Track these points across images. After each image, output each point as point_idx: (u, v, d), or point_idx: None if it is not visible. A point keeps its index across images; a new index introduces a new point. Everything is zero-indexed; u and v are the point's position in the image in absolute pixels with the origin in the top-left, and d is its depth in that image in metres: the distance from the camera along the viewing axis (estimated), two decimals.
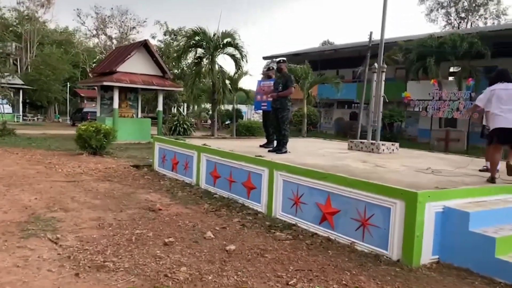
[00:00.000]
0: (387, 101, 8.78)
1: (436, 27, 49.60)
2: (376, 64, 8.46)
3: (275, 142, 7.97)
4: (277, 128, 7.51)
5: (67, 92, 40.23)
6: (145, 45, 18.65)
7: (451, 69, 26.22)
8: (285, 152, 7.31)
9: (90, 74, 20.83)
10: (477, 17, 48.01)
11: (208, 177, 7.51)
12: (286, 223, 5.48)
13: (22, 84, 33.29)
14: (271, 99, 7.67)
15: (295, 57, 32.94)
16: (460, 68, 23.40)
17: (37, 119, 37.48)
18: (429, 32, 27.75)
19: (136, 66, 18.22)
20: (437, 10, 48.95)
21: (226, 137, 15.66)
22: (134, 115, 19.55)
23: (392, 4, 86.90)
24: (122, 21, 48.90)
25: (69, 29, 52.36)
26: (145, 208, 6.17)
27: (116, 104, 17.94)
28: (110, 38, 49.34)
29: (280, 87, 7.28)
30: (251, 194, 6.34)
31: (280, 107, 7.28)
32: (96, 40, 50.70)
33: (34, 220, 5.20)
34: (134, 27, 49.12)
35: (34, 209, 5.78)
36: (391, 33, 24.92)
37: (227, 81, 17.75)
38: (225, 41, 16.82)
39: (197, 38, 17.07)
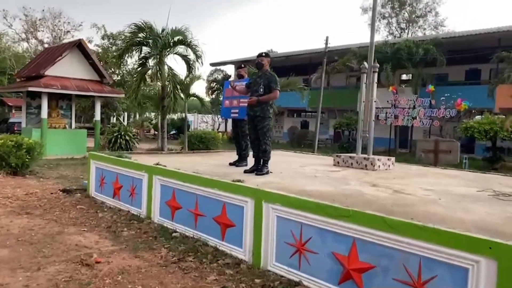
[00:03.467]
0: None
1: (379, 36, 50.58)
2: (366, 64, 7.10)
3: (248, 159, 6.32)
4: (254, 142, 5.82)
5: None
6: (79, 46, 16.25)
7: (403, 77, 26.08)
8: (267, 172, 5.67)
9: (17, 79, 17.98)
10: (416, 28, 49.50)
11: (164, 208, 5.68)
12: (285, 280, 3.83)
13: None
14: (244, 105, 6.02)
15: (242, 64, 31.54)
16: (412, 76, 23.15)
17: None
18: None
19: (68, 69, 15.78)
20: (379, 20, 49.92)
21: (179, 151, 13.74)
22: (66, 125, 16.99)
23: (338, 14, 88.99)
24: (55, 25, 45.17)
25: None
26: (75, 261, 4.25)
27: (44, 113, 15.38)
28: (41, 42, 45.30)
29: (261, 90, 5.61)
30: (228, 234, 4.62)
31: (260, 115, 5.61)
32: (25, 44, 46.35)
33: None
34: (68, 31, 45.44)
35: None
36: (341, 41, 24.34)
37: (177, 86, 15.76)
38: (175, 38, 14.84)
39: (142, 34, 14.94)
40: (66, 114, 17.18)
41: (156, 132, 32.49)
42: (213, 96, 38.55)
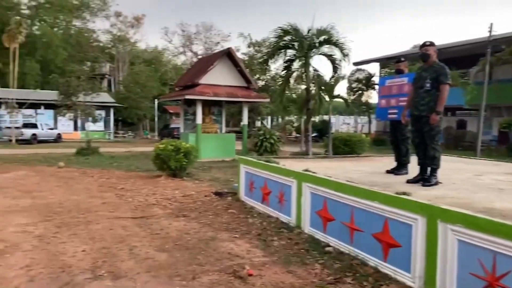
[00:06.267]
0: None
1: None
2: None
3: (409, 166, 5.53)
4: (419, 147, 5.02)
5: (155, 109, 40.85)
6: (228, 54, 17.13)
7: None
8: (436, 183, 4.83)
9: (175, 88, 19.84)
10: None
11: (315, 218, 5.28)
12: None
13: (113, 102, 34.13)
14: (404, 104, 5.27)
15: (387, 62, 29.61)
16: None
17: (128, 135, 38.34)
18: None
19: (219, 77, 16.74)
20: None
21: (325, 155, 13.34)
22: (218, 130, 18.07)
23: None
24: (207, 37, 49.20)
25: (158, 48, 54.03)
26: (228, 272, 4.12)
27: (199, 119, 16.58)
28: (195, 54, 49.81)
29: (428, 85, 4.81)
30: (391, 255, 3.98)
31: (427, 115, 4.81)
32: (183, 57, 51.60)
33: None
34: (218, 42, 49.07)
35: (73, 273, 4.00)
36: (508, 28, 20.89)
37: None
38: (321, 38, 14.48)
39: (287, 37, 14.96)
40: (217, 119, 18.29)
41: (298, 135, 32.73)
42: (355, 96, 37.22)
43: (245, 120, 18.06)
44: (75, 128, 32.39)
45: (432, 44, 5.03)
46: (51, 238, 5.17)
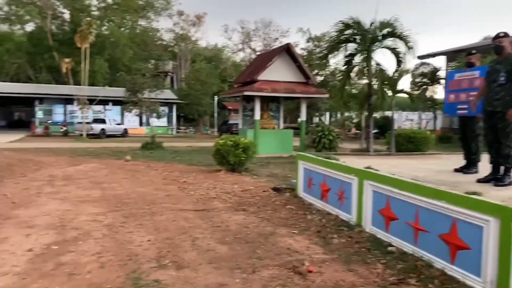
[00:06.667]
0: None
1: None
2: None
3: (479, 165, 5.21)
4: (492, 145, 4.72)
5: (215, 106, 41.79)
6: (287, 50, 17.10)
7: None
8: (510, 183, 4.52)
9: (234, 85, 20.17)
10: None
11: (377, 217, 5.14)
12: None
13: (175, 99, 35.35)
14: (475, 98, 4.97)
15: (455, 55, 28.00)
16: None
17: (189, 131, 39.55)
18: None
19: (278, 73, 16.76)
20: None
21: (387, 153, 12.93)
22: (275, 126, 18.14)
23: None
24: (266, 33, 49.48)
25: (218, 45, 55.17)
26: (288, 267, 4.13)
27: (257, 115, 16.73)
28: (254, 50, 50.31)
29: (502, 78, 4.50)
30: (459, 257, 3.79)
31: (502, 110, 4.51)
32: (242, 54, 52.29)
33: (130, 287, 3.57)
34: (277, 38, 49.22)
35: (140, 261, 4.21)
36: None
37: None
38: (384, 31, 14.01)
39: (348, 31, 14.63)
40: (275, 115, 18.35)
41: (358, 131, 31.98)
42: (419, 91, 35.64)
43: (303, 116, 17.95)
44: (140, 124, 33.95)
45: (506, 35, 4.69)
46: (119, 228, 5.47)
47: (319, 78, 30.68)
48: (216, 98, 40.38)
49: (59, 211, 6.31)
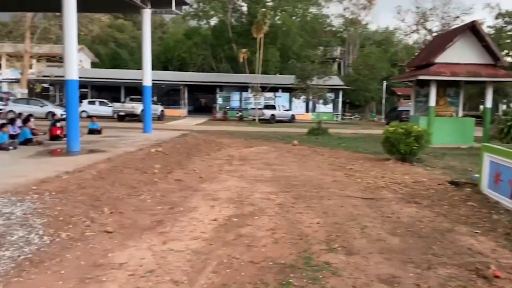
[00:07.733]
0: None
1: None
2: None
3: None
4: None
5: (383, 91, 40.06)
6: (472, 28, 15.16)
7: None
8: None
9: (406, 69, 18.97)
10: None
11: None
12: None
13: (342, 85, 35.08)
14: None
15: None
16: None
17: (354, 118, 38.90)
18: None
19: (459, 55, 15.03)
20: None
21: None
22: (453, 113, 16.40)
23: None
24: (444, 12, 44.87)
25: (390, 28, 52.44)
26: (469, 268, 3.74)
27: (432, 101, 15.38)
28: (430, 31, 46.21)
29: None
30: None
31: None
32: (415, 36, 48.64)
33: (302, 266, 3.72)
34: (458, 16, 44.13)
35: (310, 242, 4.36)
36: None
37: None
38: None
39: None
40: (453, 101, 16.62)
41: None
42: None
43: (488, 103, 15.80)
44: (307, 110, 34.80)
45: None
46: (290, 208, 5.75)
47: (510, 60, 26.52)
48: (385, 83, 38.57)
49: (237, 188, 6.95)
